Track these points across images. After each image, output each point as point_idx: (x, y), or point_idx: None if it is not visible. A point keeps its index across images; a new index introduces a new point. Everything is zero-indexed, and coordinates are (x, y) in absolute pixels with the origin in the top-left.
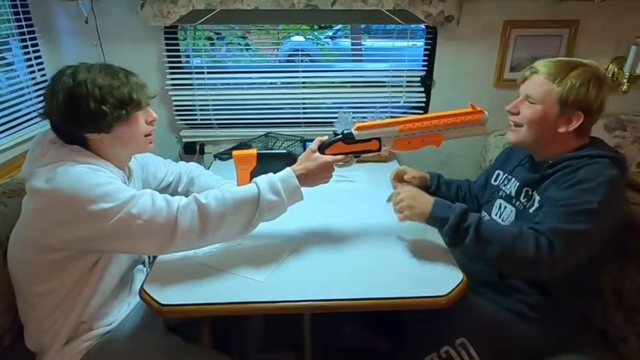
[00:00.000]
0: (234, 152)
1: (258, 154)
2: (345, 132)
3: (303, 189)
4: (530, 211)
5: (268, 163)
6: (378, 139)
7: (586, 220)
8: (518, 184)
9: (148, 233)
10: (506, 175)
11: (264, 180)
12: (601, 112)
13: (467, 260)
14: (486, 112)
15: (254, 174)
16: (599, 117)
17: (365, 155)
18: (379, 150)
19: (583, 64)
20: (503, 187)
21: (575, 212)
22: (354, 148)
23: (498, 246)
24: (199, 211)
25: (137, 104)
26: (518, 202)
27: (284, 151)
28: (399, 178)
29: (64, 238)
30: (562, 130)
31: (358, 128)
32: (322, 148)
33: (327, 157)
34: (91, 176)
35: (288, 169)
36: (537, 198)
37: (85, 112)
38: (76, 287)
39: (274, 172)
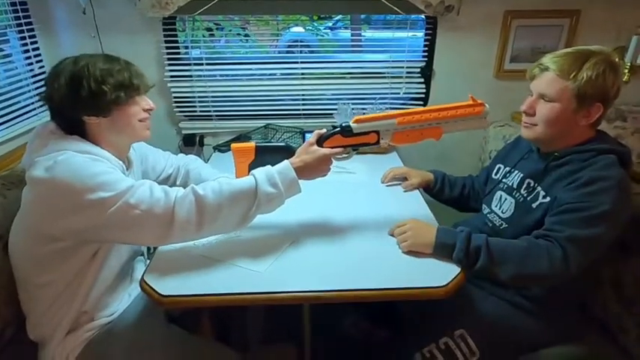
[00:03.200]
0: (233, 145)
1: (257, 146)
2: (344, 125)
3: (302, 181)
4: (534, 205)
5: (267, 155)
6: (377, 131)
7: (601, 224)
8: (521, 175)
9: (146, 223)
10: (508, 168)
11: (261, 172)
12: (616, 98)
13: None
14: (487, 105)
15: (252, 166)
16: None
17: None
18: (377, 143)
19: (594, 53)
20: (504, 180)
21: (589, 217)
22: (353, 140)
23: (511, 265)
24: (197, 202)
25: (136, 89)
26: (518, 194)
27: (282, 144)
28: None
29: (63, 227)
30: (582, 123)
31: (356, 121)
32: (320, 141)
33: (325, 150)
34: (90, 166)
35: (286, 161)
36: (542, 192)
37: (85, 93)
38: (76, 278)
39: (272, 165)
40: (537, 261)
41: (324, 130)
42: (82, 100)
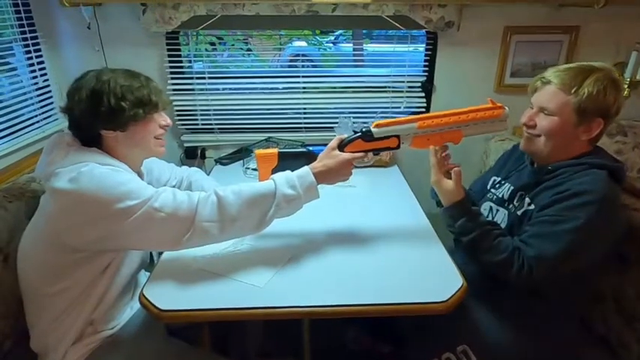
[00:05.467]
0: (257, 151)
1: (279, 153)
2: (364, 130)
3: (321, 190)
4: (519, 213)
5: (289, 161)
6: (397, 136)
7: (570, 238)
8: (512, 187)
9: (170, 225)
10: (499, 179)
11: (281, 176)
12: (618, 114)
13: (467, 266)
14: (507, 108)
15: (275, 172)
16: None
17: (376, 158)
18: (398, 147)
19: (596, 69)
20: (493, 190)
21: (560, 231)
22: (374, 145)
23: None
24: (218, 203)
25: (154, 106)
26: (511, 205)
27: (305, 149)
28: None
29: (88, 238)
30: (583, 137)
31: (377, 125)
32: (342, 146)
33: (347, 155)
34: (114, 176)
35: (306, 167)
36: (527, 200)
37: (104, 107)
38: (89, 286)
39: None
40: (508, 268)
41: (345, 135)
42: (100, 114)
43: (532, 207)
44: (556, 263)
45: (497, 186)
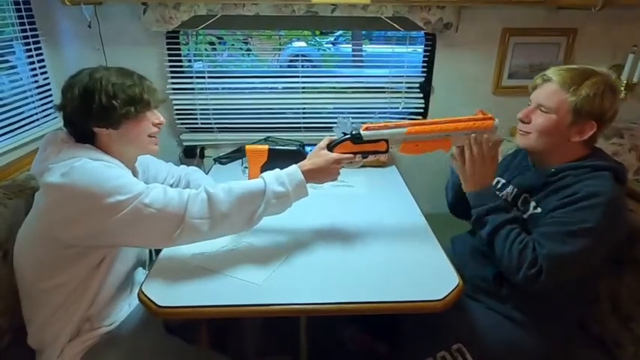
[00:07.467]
0: (247, 147)
1: (270, 150)
2: (354, 132)
3: (310, 190)
4: (525, 216)
5: (279, 159)
6: (386, 140)
7: (579, 241)
8: (515, 189)
9: (160, 222)
10: (504, 181)
11: (270, 174)
12: (613, 120)
13: (463, 267)
14: (497, 120)
15: (265, 169)
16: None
17: (365, 160)
18: (387, 151)
19: (597, 73)
20: (497, 193)
21: (569, 232)
22: (362, 148)
23: (499, 254)
24: (208, 200)
25: (146, 104)
26: (514, 208)
27: (295, 148)
28: None
29: (79, 232)
30: (575, 139)
31: (366, 129)
32: (331, 147)
33: (335, 155)
34: (106, 171)
35: (294, 165)
36: (533, 204)
37: (96, 105)
38: (83, 282)
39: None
40: (515, 263)
41: (335, 137)
42: (92, 112)
43: (539, 210)
44: (566, 264)
45: (501, 188)
